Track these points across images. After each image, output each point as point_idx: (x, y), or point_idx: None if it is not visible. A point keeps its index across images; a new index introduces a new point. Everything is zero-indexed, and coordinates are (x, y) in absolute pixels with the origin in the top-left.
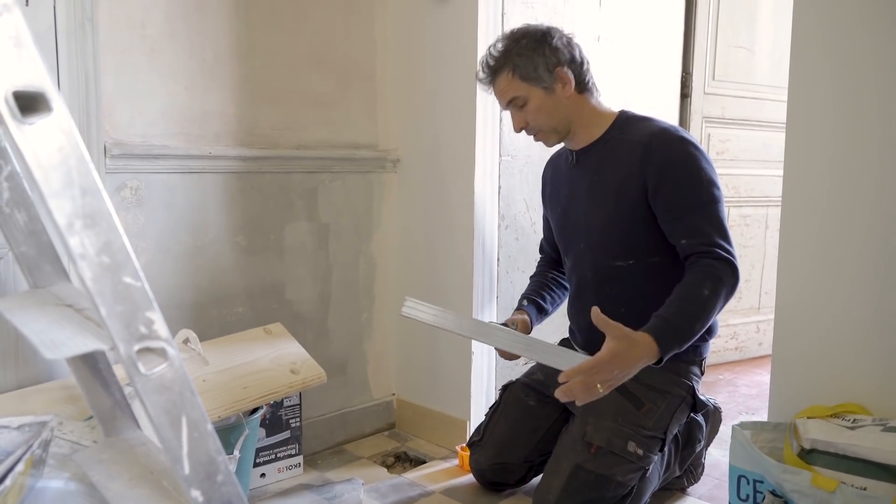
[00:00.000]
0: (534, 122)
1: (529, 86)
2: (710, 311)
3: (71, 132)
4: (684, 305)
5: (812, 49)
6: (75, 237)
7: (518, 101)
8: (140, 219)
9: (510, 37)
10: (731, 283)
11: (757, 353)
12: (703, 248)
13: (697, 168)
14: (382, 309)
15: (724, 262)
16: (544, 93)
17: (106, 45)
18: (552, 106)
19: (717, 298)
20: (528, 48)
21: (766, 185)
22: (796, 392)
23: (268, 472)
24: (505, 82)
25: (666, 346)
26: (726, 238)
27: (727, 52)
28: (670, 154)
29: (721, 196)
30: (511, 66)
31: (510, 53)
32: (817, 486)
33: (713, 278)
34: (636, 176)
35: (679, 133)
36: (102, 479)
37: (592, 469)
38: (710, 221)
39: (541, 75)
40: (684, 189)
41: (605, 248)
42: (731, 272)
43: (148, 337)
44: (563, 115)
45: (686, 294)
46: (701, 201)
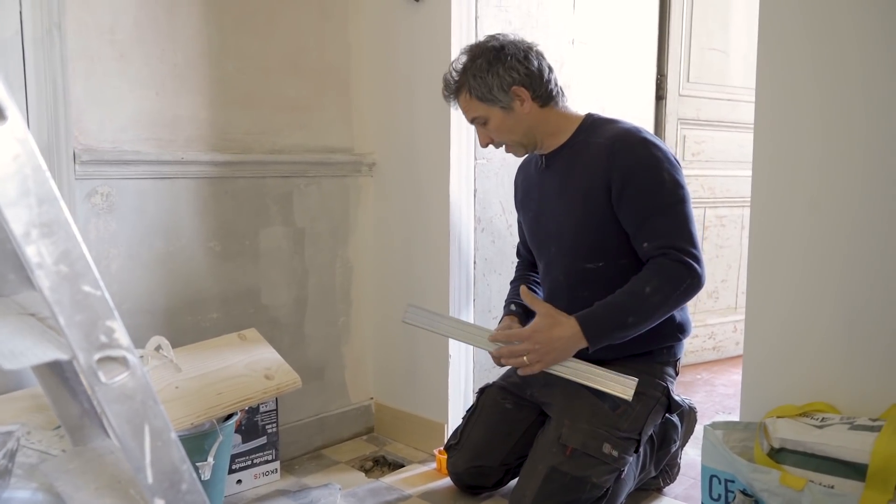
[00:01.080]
0: (497, 138)
1: (487, 106)
2: (652, 309)
3: (27, 141)
4: (621, 297)
5: (779, 50)
6: (32, 246)
7: (479, 120)
8: (111, 225)
9: (468, 53)
10: (684, 284)
11: (734, 352)
12: (660, 251)
13: (659, 170)
14: (360, 313)
15: (680, 263)
16: (503, 112)
17: (74, 51)
18: (513, 123)
19: (661, 297)
20: (482, 69)
21: (741, 185)
22: (767, 391)
23: (244, 479)
24: (464, 102)
25: (592, 333)
26: (688, 239)
27: (701, 54)
28: (632, 156)
29: (686, 196)
30: (467, 88)
31: (466, 74)
32: (786, 484)
33: (660, 277)
34: (601, 179)
35: (642, 134)
36: (69, 489)
37: (568, 471)
38: (671, 224)
39: (496, 96)
40: (646, 192)
41: (575, 251)
42: (687, 273)
43: (108, 346)
44: (525, 130)
45: (627, 288)
46: (663, 204)
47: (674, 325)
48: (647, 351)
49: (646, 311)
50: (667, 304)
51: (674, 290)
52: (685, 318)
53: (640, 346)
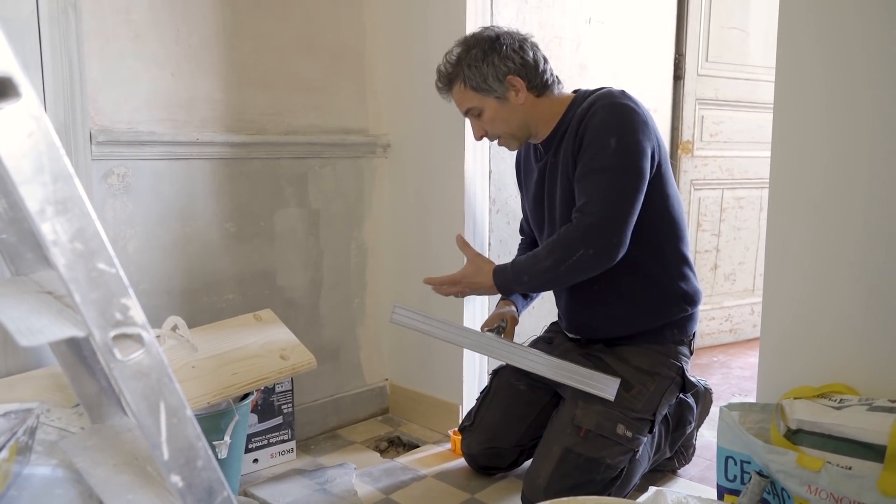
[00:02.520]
0: (491, 130)
1: (482, 96)
2: (543, 272)
3: (41, 118)
4: (525, 257)
5: (800, 28)
6: (47, 223)
7: (473, 111)
8: (128, 206)
9: (462, 44)
10: (579, 251)
11: (751, 334)
12: (575, 213)
13: (609, 134)
14: (374, 294)
15: (575, 229)
16: (497, 102)
17: (90, 31)
18: (507, 113)
19: (551, 261)
20: (477, 59)
21: (759, 166)
22: (784, 373)
23: (260, 458)
24: (458, 93)
25: (499, 283)
26: (599, 204)
27: (721, 32)
28: (592, 121)
29: (629, 168)
30: (462, 78)
31: (461, 63)
32: (803, 465)
33: (556, 241)
34: (572, 151)
35: (616, 99)
36: (87, 465)
37: (582, 452)
38: (594, 189)
39: (491, 85)
40: (588, 154)
41: None
42: (581, 243)
43: (123, 323)
44: (519, 121)
45: (536, 250)
46: (597, 167)
47: (676, 294)
48: (658, 326)
49: (537, 273)
50: (557, 270)
51: (567, 256)
52: (692, 288)
53: (645, 321)
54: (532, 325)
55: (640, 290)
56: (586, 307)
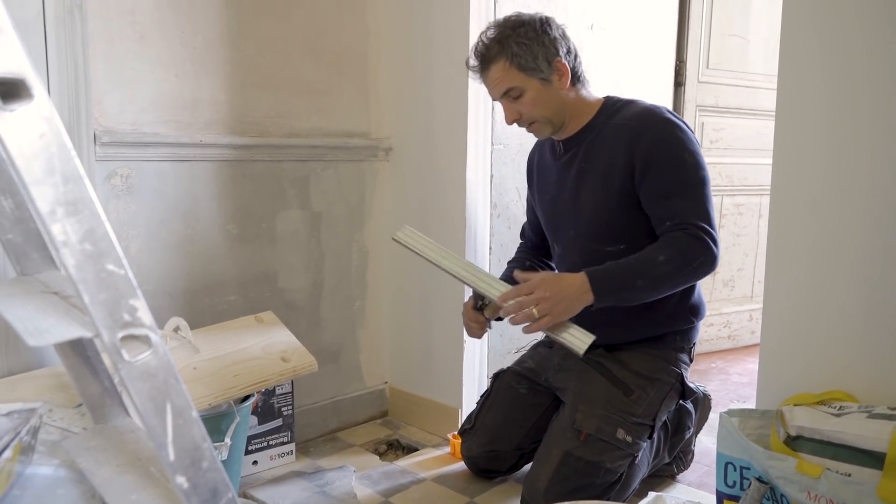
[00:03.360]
0: (529, 113)
1: (527, 77)
2: (663, 277)
3: (52, 119)
4: (633, 261)
5: (802, 36)
6: (57, 224)
7: (513, 93)
8: (131, 206)
9: (505, 24)
10: (699, 259)
11: (749, 341)
12: (679, 226)
13: (683, 150)
14: (375, 297)
15: (696, 239)
16: (541, 84)
17: (95, 32)
18: (548, 97)
19: (672, 267)
20: (528, 37)
21: (759, 174)
22: (784, 379)
23: (260, 460)
24: (500, 72)
25: (599, 287)
26: (706, 219)
27: (721, 40)
28: (657, 136)
29: (706, 178)
30: (508, 56)
31: (507, 42)
32: (802, 472)
33: (675, 248)
34: (624, 159)
35: (665, 114)
36: (90, 465)
37: (582, 456)
38: (692, 203)
39: (539, 66)
40: (668, 172)
41: (595, 233)
42: (702, 249)
43: (132, 324)
44: (558, 107)
45: (640, 254)
46: (685, 184)
47: (686, 306)
48: (661, 334)
49: (655, 278)
50: (677, 275)
51: (686, 263)
52: (699, 301)
53: (652, 328)
54: None
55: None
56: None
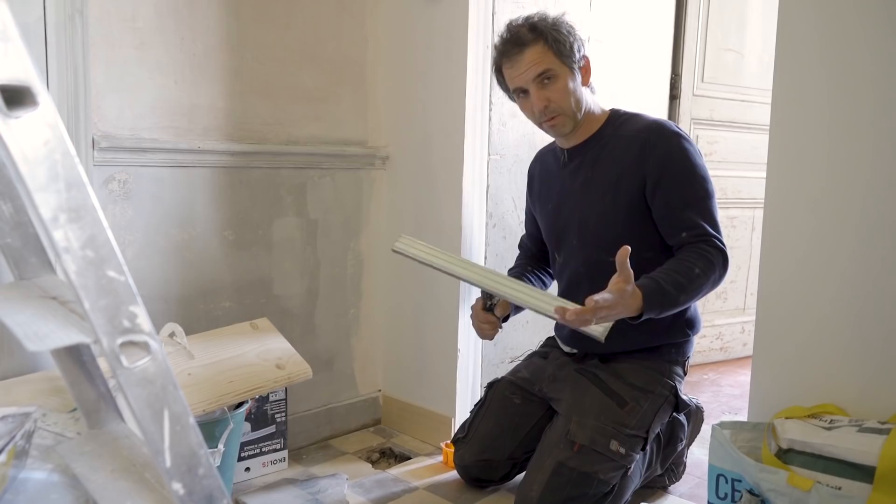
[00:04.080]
0: (557, 101)
1: (562, 62)
2: (697, 290)
3: (57, 126)
4: (676, 276)
5: (798, 50)
6: (60, 231)
7: (548, 74)
8: (128, 212)
9: (538, 17)
10: (720, 271)
11: (742, 353)
12: (699, 238)
13: (693, 163)
14: (370, 305)
15: (718, 250)
16: (571, 74)
17: (95, 37)
18: (576, 89)
19: (705, 279)
20: (564, 29)
21: (753, 187)
22: (776, 393)
23: (252, 467)
24: (538, 54)
25: (650, 307)
26: (719, 231)
27: (716, 54)
28: (668, 149)
29: (713, 191)
30: (548, 39)
31: (545, 29)
32: (793, 485)
33: (705, 260)
34: (634, 170)
35: (673, 127)
36: (85, 470)
37: (575, 467)
38: (705, 216)
39: (574, 55)
40: (682, 184)
41: (599, 243)
42: (723, 261)
43: (131, 331)
44: (580, 103)
45: (679, 266)
46: (697, 196)
47: (683, 319)
48: (656, 346)
49: (693, 292)
50: (707, 287)
51: (713, 274)
52: (695, 315)
53: (649, 339)
54: (526, 339)
55: None
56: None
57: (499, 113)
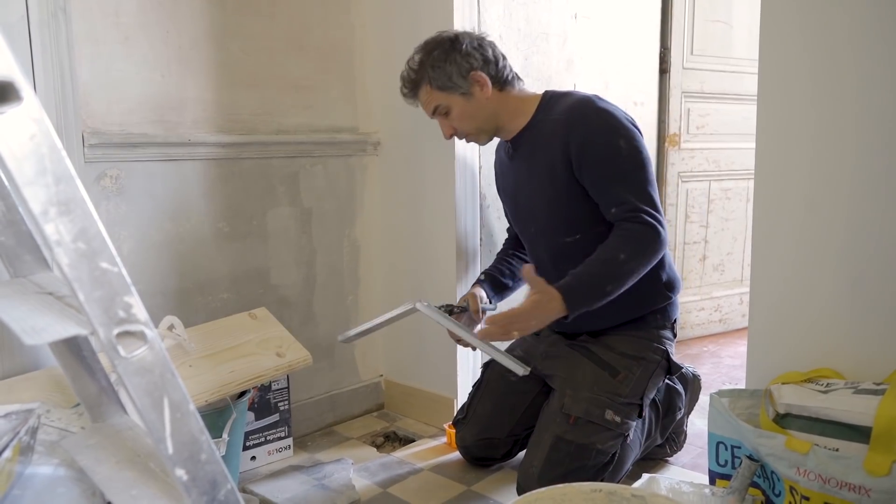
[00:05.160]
0: (460, 127)
1: (448, 94)
2: (628, 275)
3: (42, 120)
4: (598, 267)
5: (783, 18)
6: (50, 224)
7: (441, 110)
8: (121, 207)
9: (423, 49)
10: (653, 246)
11: (740, 324)
12: (628, 213)
13: (616, 137)
14: (368, 291)
15: (647, 225)
16: (463, 99)
17: (80, 34)
18: (474, 109)
19: (635, 263)
20: (440, 59)
21: (746, 158)
22: (772, 359)
23: (258, 455)
24: (425, 94)
25: (572, 305)
26: (650, 202)
27: (705, 26)
28: (587, 127)
29: (645, 161)
30: (427, 80)
31: (424, 66)
32: (791, 448)
33: (632, 243)
34: (560, 153)
35: (597, 104)
36: (90, 463)
37: (572, 439)
38: (631, 189)
39: (456, 83)
40: (605, 161)
41: (552, 227)
42: (654, 236)
43: (127, 321)
44: (486, 116)
45: (603, 256)
46: (622, 170)
47: (660, 284)
48: (641, 315)
49: (622, 278)
50: (639, 268)
51: (644, 254)
52: (673, 276)
53: (631, 311)
54: None
55: None
56: None
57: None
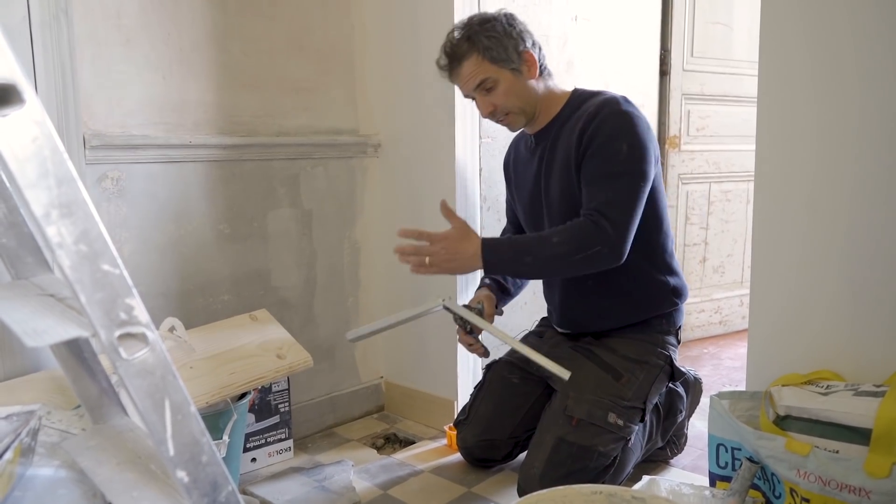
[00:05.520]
0: (503, 104)
1: (499, 68)
2: (552, 258)
3: (44, 123)
4: (528, 238)
5: (783, 19)
6: (52, 227)
7: (487, 84)
8: (122, 209)
9: (471, 22)
10: (594, 247)
11: (741, 326)
12: (587, 211)
13: (620, 140)
14: (368, 293)
15: (596, 226)
16: (513, 75)
17: (81, 35)
18: (521, 88)
19: (563, 249)
20: (497, 31)
21: (746, 160)
22: (773, 361)
23: (259, 457)
24: (473, 66)
25: (489, 258)
26: (618, 210)
27: (705, 28)
28: (602, 125)
29: (639, 173)
30: (480, 49)
31: (477, 37)
32: (791, 450)
33: (570, 233)
34: (576, 147)
35: (621, 105)
36: (91, 465)
37: (574, 441)
38: (610, 193)
39: (510, 56)
40: (600, 158)
41: (563, 221)
42: (599, 238)
43: (128, 323)
44: (529, 97)
45: (539, 233)
46: (610, 173)
47: (667, 289)
48: (646, 319)
49: (544, 258)
50: (570, 259)
51: (580, 249)
52: (680, 283)
53: (636, 314)
54: (525, 319)
55: (634, 286)
56: (580, 302)
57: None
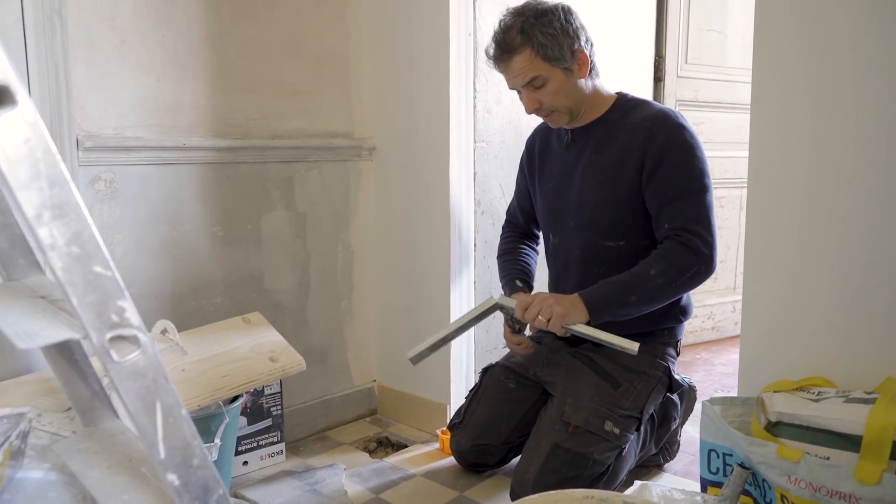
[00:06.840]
0: (550, 103)
1: (551, 66)
2: (655, 291)
3: (37, 124)
4: (625, 277)
5: (777, 26)
6: (44, 228)
7: (537, 82)
8: (115, 211)
9: (527, 12)
10: (691, 270)
11: (733, 332)
12: (674, 232)
13: (693, 156)
14: (362, 296)
15: (688, 247)
16: (564, 74)
17: (75, 37)
18: (570, 88)
19: (664, 280)
20: (553, 27)
21: (739, 166)
22: (764, 368)
23: (250, 460)
24: (525, 62)
25: (593, 306)
26: (704, 225)
27: (699, 35)
28: (669, 139)
29: (710, 186)
30: (534, 45)
31: (532, 31)
32: (782, 457)
33: (666, 261)
34: (636, 157)
35: (679, 119)
36: (81, 467)
37: (570, 448)
38: (691, 208)
39: (564, 55)
40: (676, 175)
41: (597, 227)
42: (695, 259)
43: (120, 325)
44: (578, 97)
45: (634, 269)
46: (689, 188)
47: (677, 307)
48: (649, 331)
49: (648, 293)
50: (670, 287)
51: (679, 274)
52: (688, 302)
53: (641, 326)
54: None
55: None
56: None
57: (483, 100)
